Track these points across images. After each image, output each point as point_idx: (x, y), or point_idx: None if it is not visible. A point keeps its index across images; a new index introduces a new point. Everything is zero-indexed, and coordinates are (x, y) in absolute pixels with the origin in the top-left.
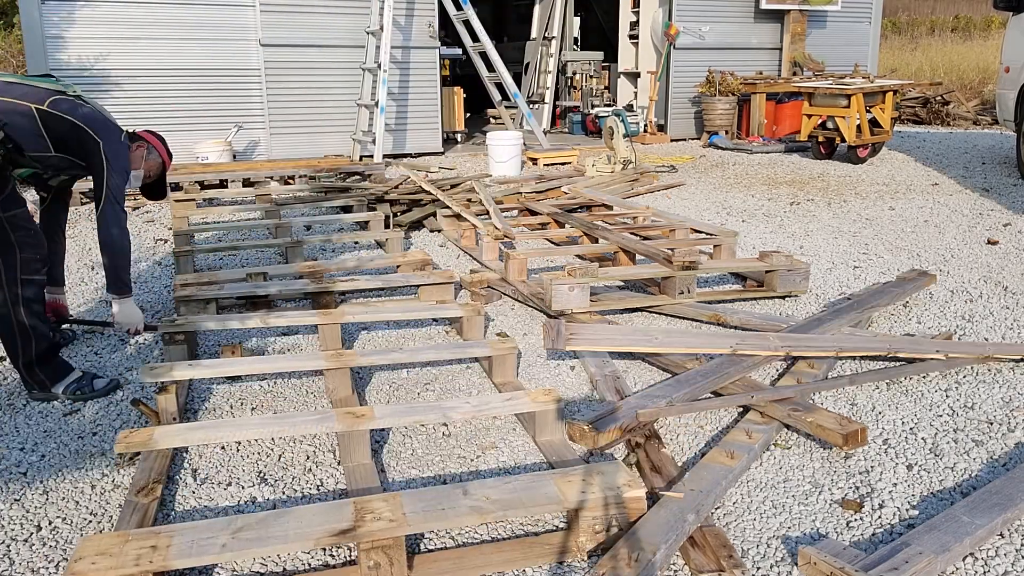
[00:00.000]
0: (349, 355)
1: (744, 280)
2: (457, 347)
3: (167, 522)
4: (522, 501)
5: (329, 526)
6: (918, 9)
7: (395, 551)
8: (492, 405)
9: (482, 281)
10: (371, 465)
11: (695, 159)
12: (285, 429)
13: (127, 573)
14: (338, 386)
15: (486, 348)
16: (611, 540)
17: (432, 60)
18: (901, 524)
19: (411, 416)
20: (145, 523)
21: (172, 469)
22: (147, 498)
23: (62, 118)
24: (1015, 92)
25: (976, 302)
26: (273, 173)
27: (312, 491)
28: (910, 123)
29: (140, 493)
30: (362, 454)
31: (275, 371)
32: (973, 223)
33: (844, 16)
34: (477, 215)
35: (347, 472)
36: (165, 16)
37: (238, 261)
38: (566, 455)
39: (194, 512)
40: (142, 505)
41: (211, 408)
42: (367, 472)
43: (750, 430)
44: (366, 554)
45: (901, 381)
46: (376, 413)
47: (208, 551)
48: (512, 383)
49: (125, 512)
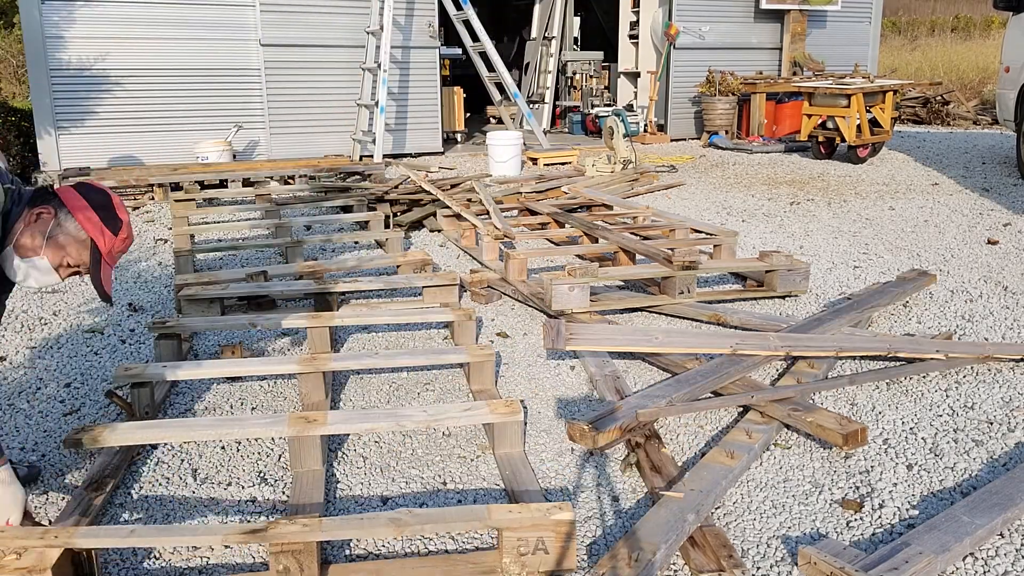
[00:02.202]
0: (323, 359)
1: (744, 280)
2: (433, 353)
3: (167, 522)
4: (444, 516)
5: (242, 524)
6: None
7: (306, 557)
8: (449, 415)
9: (482, 281)
10: (320, 471)
11: (695, 159)
12: (234, 432)
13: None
14: (311, 390)
15: (463, 354)
16: (538, 565)
17: (432, 60)
18: (901, 524)
19: (364, 423)
20: (87, 516)
21: (171, 469)
22: (94, 493)
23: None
24: (1015, 92)
25: (976, 302)
26: (273, 173)
27: None
28: (910, 123)
29: (88, 488)
30: (313, 460)
31: (247, 374)
32: (973, 223)
33: (844, 16)
34: (477, 215)
35: (295, 478)
36: (165, 16)
37: (238, 261)
38: (522, 471)
39: (194, 512)
40: (87, 499)
41: (210, 407)
42: (315, 479)
43: (750, 430)
44: (275, 558)
45: (901, 381)
46: (329, 419)
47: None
48: (488, 391)
49: (69, 506)
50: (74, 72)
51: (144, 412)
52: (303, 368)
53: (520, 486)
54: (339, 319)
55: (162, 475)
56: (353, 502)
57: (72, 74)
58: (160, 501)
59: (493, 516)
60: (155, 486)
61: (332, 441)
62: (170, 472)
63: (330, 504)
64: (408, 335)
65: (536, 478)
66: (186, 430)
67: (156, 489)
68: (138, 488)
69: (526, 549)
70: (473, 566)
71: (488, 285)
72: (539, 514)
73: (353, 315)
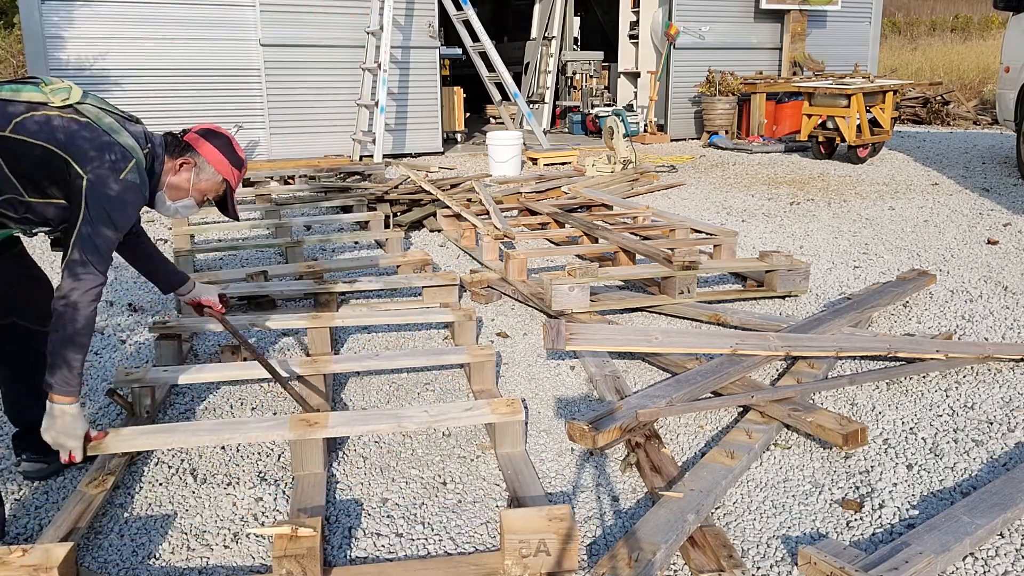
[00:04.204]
0: (323, 361)
1: (744, 280)
2: (433, 354)
3: (167, 522)
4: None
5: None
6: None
7: (309, 561)
8: (451, 415)
9: (482, 281)
10: (322, 475)
11: (695, 159)
12: (236, 437)
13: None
14: (311, 392)
15: (464, 355)
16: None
17: (432, 60)
18: (901, 524)
19: (365, 425)
20: (87, 514)
21: (171, 469)
22: (96, 490)
23: (30, 144)
24: (1015, 92)
25: (976, 302)
26: (273, 173)
27: None
28: (910, 123)
29: (90, 485)
30: (315, 463)
31: (247, 378)
32: (973, 223)
33: (844, 16)
34: (477, 215)
35: (296, 480)
36: (165, 16)
37: (238, 261)
38: (524, 470)
39: (194, 513)
40: (88, 496)
41: (210, 407)
42: (316, 481)
43: (750, 430)
44: (279, 562)
45: (901, 381)
46: (330, 422)
47: None
48: (489, 391)
49: (69, 503)
50: (74, 72)
51: (145, 413)
52: (304, 371)
53: (523, 486)
54: (339, 319)
55: (162, 475)
56: (353, 503)
57: (72, 74)
58: (160, 501)
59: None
60: (155, 486)
61: (332, 441)
62: (170, 472)
63: (331, 504)
64: (408, 335)
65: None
66: (190, 435)
67: (156, 489)
68: (138, 488)
69: (528, 551)
70: (476, 568)
71: (488, 285)
72: (541, 516)
73: (353, 315)
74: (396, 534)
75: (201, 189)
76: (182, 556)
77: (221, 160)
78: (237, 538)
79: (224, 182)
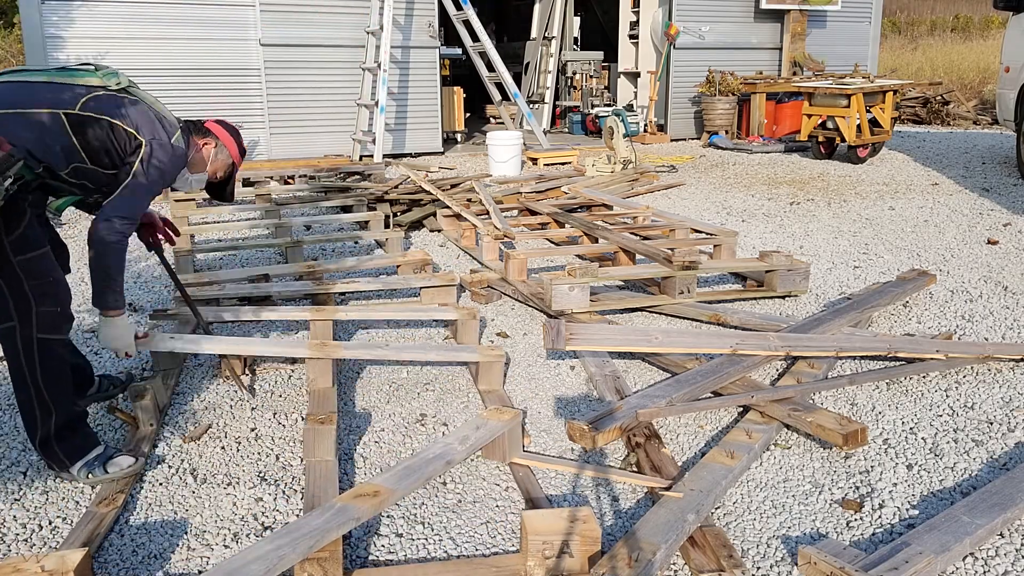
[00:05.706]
0: (333, 346)
1: (744, 280)
2: (444, 350)
3: (167, 522)
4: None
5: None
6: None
7: (330, 564)
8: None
9: (482, 281)
10: (333, 463)
11: (695, 159)
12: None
13: None
14: (318, 376)
15: (474, 353)
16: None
17: (432, 60)
18: (901, 524)
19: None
20: (99, 531)
21: (172, 469)
22: (106, 508)
23: (97, 119)
24: (1015, 92)
25: (976, 302)
26: (273, 173)
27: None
28: (910, 123)
29: (100, 504)
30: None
31: (256, 354)
32: (973, 223)
33: (844, 16)
34: (477, 215)
35: (308, 468)
36: (165, 15)
37: (238, 261)
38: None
39: (194, 513)
40: (99, 515)
41: (210, 407)
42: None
43: (750, 430)
44: (300, 566)
45: (901, 381)
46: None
47: None
48: (496, 391)
49: (82, 521)
50: None
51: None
52: (313, 353)
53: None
54: (343, 312)
55: (162, 475)
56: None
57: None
58: (160, 501)
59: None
60: (155, 486)
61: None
62: (170, 472)
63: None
64: (408, 334)
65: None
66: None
67: (156, 489)
68: (138, 488)
69: (551, 552)
70: (496, 570)
71: (488, 285)
72: (564, 517)
73: (356, 310)
74: (396, 534)
75: (215, 167)
76: (182, 556)
77: (234, 145)
78: (237, 538)
79: (232, 164)
